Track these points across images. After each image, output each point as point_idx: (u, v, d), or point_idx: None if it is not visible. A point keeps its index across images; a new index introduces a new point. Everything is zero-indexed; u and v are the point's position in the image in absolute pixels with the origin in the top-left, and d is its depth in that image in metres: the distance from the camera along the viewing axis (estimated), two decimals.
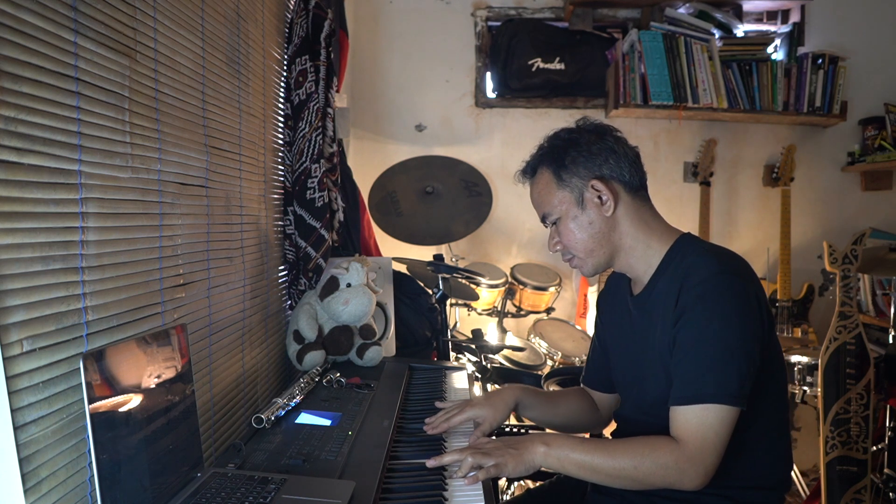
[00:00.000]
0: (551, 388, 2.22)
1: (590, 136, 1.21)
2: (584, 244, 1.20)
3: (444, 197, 2.68)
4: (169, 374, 0.97)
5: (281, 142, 1.90)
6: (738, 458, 1.13)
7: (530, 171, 1.27)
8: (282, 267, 1.93)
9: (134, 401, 0.88)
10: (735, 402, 1.04)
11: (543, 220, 1.25)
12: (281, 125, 1.91)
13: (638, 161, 1.22)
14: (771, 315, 1.15)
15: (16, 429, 0.74)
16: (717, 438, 1.05)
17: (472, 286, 2.61)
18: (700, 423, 1.05)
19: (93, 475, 0.80)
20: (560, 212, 1.21)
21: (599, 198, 1.18)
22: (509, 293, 2.92)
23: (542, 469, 1.36)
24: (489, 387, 2.38)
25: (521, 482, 2.21)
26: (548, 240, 1.27)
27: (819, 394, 2.20)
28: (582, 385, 1.46)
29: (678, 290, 1.11)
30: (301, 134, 1.88)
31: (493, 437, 1.26)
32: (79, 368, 0.79)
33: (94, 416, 0.79)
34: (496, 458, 1.11)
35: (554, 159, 1.21)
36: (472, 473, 1.10)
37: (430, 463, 1.14)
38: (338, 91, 2.25)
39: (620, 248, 1.21)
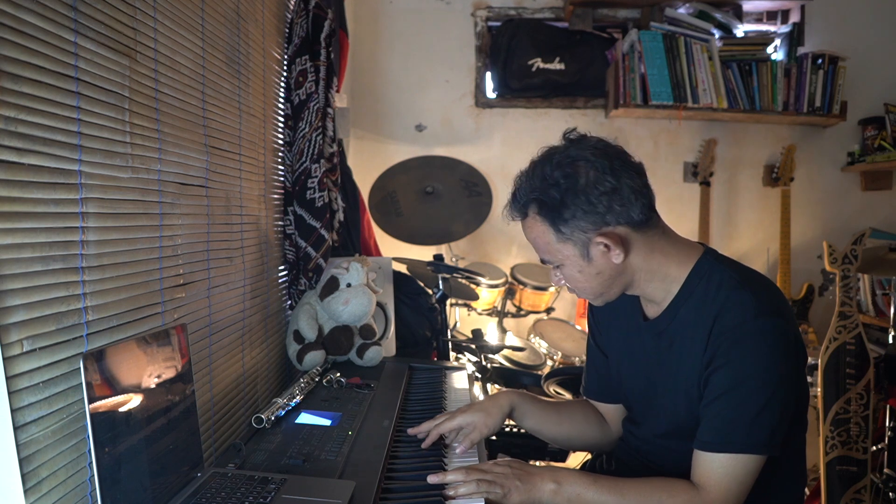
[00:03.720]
0: (551, 389, 2.22)
1: (587, 172, 1.04)
2: (592, 290, 1.12)
3: (444, 197, 2.68)
4: (169, 374, 0.97)
5: (281, 142, 1.90)
6: (757, 482, 1.09)
7: (520, 212, 1.11)
8: (282, 267, 1.93)
9: (134, 401, 0.88)
10: (764, 451, 1.01)
11: (543, 262, 1.14)
12: (281, 125, 1.91)
13: (644, 185, 1.07)
14: (805, 353, 1.10)
15: (16, 429, 0.74)
16: (741, 488, 1.02)
17: (472, 286, 2.61)
18: (725, 472, 1.01)
19: (93, 475, 0.80)
20: (562, 261, 1.10)
21: (606, 246, 1.06)
22: (509, 293, 2.91)
23: None
24: (489, 387, 2.38)
25: None
26: (551, 274, 1.17)
27: (819, 394, 2.20)
28: (584, 397, 1.38)
29: (709, 326, 1.05)
30: (301, 134, 1.88)
31: (504, 458, 1.16)
32: (79, 368, 0.79)
33: (94, 416, 0.79)
34: (501, 489, 1.04)
35: (549, 211, 1.06)
36: (469, 489, 1.04)
37: (432, 479, 1.06)
38: (338, 91, 2.25)
39: (634, 281, 1.12)
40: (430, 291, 2.30)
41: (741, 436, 1.01)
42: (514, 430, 1.91)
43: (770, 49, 2.96)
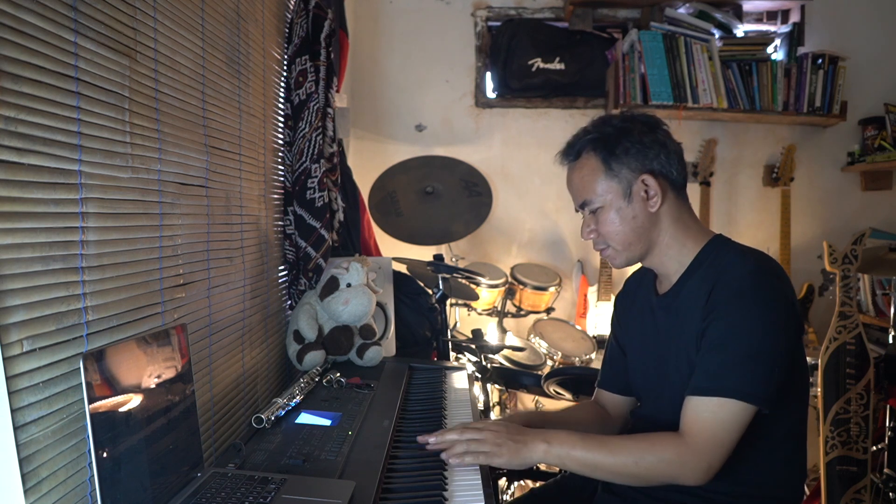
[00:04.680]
0: (551, 389, 2.22)
1: (642, 126, 1.18)
2: (623, 237, 1.18)
3: (444, 197, 2.68)
4: (169, 374, 0.97)
5: (281, 142, 1.90)
6: (756, 465, 1.11)
7: (574, 154, 1.21)
8: (282, 267, 1.93)
9: (134, 401, 0.88)
10: (754, 400, 1.02)
11: (582, 206, 1.21)
12: (281, 125, 1.91)
13: (683, 159, 1.21)
14: (801, 320, 1.13)
15: (16, 429, 0.74)
16: (727, 436, 1.03)
17: (472, 286, 2.61)
18: (712, 416, 1.03)
19: (93, 475, 0.80)
20: (603, 201, 1.18)
21: (646, 192, 1.16)
22: (509, 293, 2.91)
23: (542, 469, 1.36)
24: (489, 387, 2.38)
25: (521, 482, 2.21)
26: (581, 227, 1.24)
27: (819, 394, 2.20)
28: (597, 388, 1.43)
29: (710, 287, 1.10)
30: (301, 134, 1.88)
31: (500, 420, 1.26)
32: (79, 368, 0.79)
33: (94, 416, 0.79)
34: (490, 447, 1.12)
35: (604, 146, 1.17)
36: (461, 449, 1.13)
37: (431, 441, 1.16)
38: (338, 91, 2.25)
39: (657, 244, 1.20)
40: (430, 291, 2.30)
41: (731, 381, 1.03)
42: None
43: (770, 49, 2.96)
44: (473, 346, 2.35)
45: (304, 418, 1.33)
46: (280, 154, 1.90)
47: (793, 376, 1.11)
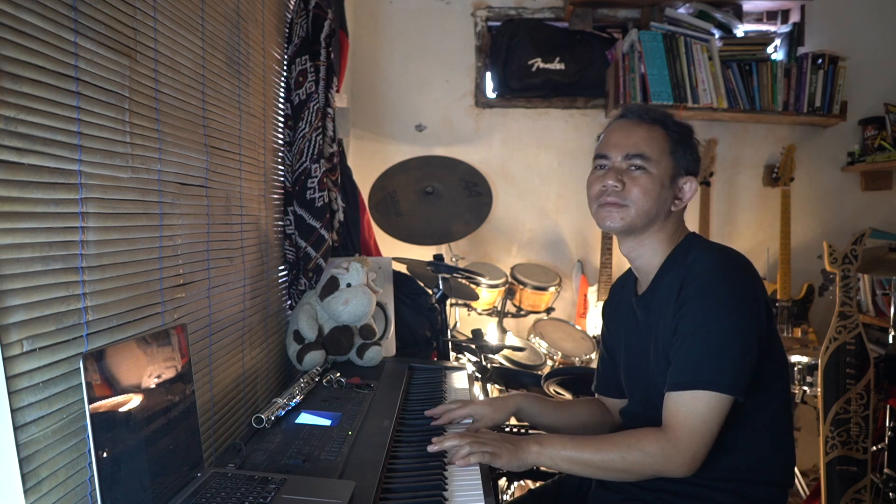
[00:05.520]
0: (551, 389, 2.22)
1: (696, 140, 1.26)
2: (647, 206, 1.19)
3: (444, 197, 2.68)
4: (169, 374, 0.97)
5: (281, 142, 1.90)
6: (745, 453, 1.15)
7: (650, 119, 1.22)
8: (282, 267, 1.93)
9: (134, 401, 0.88)
10: (727, 390, 1.06)
11: (629, 156, 1.19)
12: (281, 125, 1.91)
13: None
14: (770, 311, 1.16)
15: (16, 429, 0.74)
16: (705, 426, 1.06)
17: (472, 286, 2.61)
18: (689, 409, 1.07)
19: (93, 475, 0.80)
20: (656, 167, 1.19)
21: (682, 192, 1.22)
22: (509, 293, 2.91)
23: (542, 469, 1.38)
24: (489, 387, 2.38)
25: (521, 482, 2.21)
26: (604, 174, 1.21)
27: (819, 394, 2.20)
28: (595, 393, 1.47)
29: (680, 283, 1.14)
30: (301, 134, 1.88)
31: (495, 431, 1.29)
32: (79, 368, 0.79)
33: (94, 416, 0.79)
34: (492, 448, 1.15)
35: (679, 132, 1.22)
36: (466, 451, 1.15)
37: (432, 448, 1.18)
38: (338, 91, 2.25)
39: (648, 233, 1.23)
40: (430, 291, 2.30)
41: (703, 374, 1.07)
42: (521, 430, 1.91)
43: (770, 49, 2.96)
44: (473, 346, 2.35)
45: (304, 418, 1.33)
46: (280, 154, 1.90)
47: (767, 364, 1.14)
